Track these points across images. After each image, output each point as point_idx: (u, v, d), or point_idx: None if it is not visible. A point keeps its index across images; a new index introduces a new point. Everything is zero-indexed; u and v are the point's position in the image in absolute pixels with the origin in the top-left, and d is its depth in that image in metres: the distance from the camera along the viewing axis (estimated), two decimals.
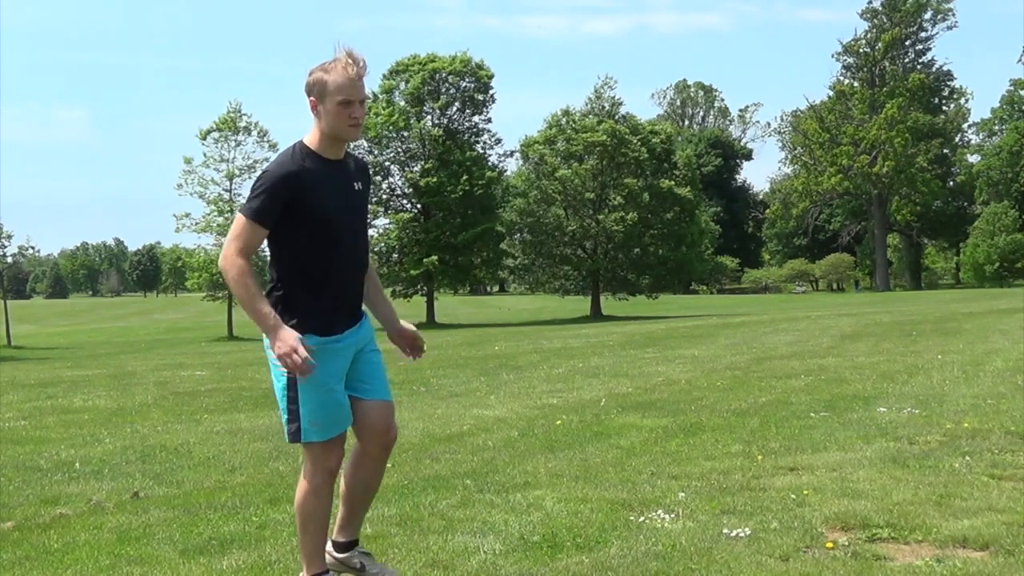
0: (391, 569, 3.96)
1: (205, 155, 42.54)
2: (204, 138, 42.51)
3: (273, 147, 42.47)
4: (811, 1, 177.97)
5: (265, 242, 3.56)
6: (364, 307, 3.82)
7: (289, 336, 3.38)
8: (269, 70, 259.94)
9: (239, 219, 3.49)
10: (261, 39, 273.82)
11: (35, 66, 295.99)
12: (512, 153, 52.03)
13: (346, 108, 3.51)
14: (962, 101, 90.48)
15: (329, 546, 3.80)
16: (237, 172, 42.34)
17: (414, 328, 3.93)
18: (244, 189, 45.14)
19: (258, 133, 42.62)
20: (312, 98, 3.54)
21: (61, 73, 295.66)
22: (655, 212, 49.81)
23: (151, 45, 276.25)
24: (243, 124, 42.39)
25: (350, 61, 3.52)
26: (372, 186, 3.59)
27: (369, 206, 3.86)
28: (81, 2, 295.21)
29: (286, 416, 3.62)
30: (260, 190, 3.47)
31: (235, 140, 42.41)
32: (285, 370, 3.48)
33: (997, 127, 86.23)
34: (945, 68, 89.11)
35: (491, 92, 49.05)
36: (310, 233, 3.51)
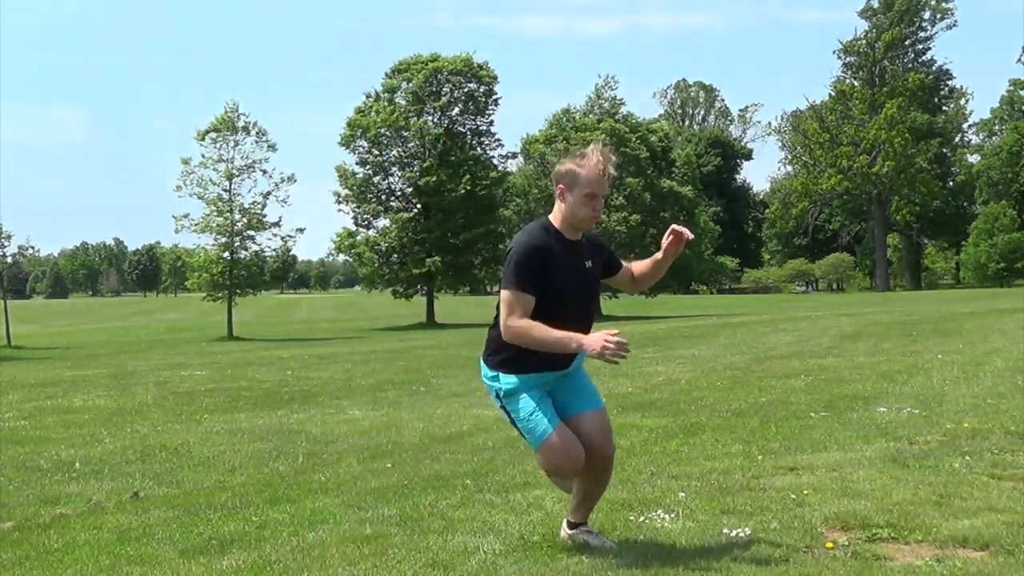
0: (610, 542, 4.30)
1: (203, 156, 42.42)
2: (202, 139, 42.35)
3: (272, 147, 42.34)
4: (806, 1, 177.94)
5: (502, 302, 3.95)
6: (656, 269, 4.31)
7: (596, 335, 3.74)
8: (268, 70, 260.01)
9: (506, 294, 3.90)
10: (259, 39, 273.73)
11: (34, 66, 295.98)
12: (514, 155, 51.94)
13: (591, 201, 3.93)
14: (962, 101, 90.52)
15: (564, 524, 4.38)
16: (236, 172, 42.23)
17: (667, 239, 4.17)
18: (243, 188, 45.13)
19: (257, 133, 42.52)
20: (561, 185, 3.96)
21: (60, 73, 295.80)
22: (655, 212, 49.78)
23: (150, 45, 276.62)
24: (241, 124, 42.27)
25: (601, 159, 3.89)
26: (608, 254, 4.14)
27: (614, 257, 4.32)
28: (81, 2, 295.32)
29: (526, 427, 4.09)
30: (519, 263, 3.89)
31: (233, 140, 42.29)
32: (498, 401, 4.21)
33: (997, 127, 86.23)
34: (945, 68, 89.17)
35: (494, 96, 48.91)
36: (546, 301, 3.90)
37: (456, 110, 48.55)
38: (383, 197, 48.02)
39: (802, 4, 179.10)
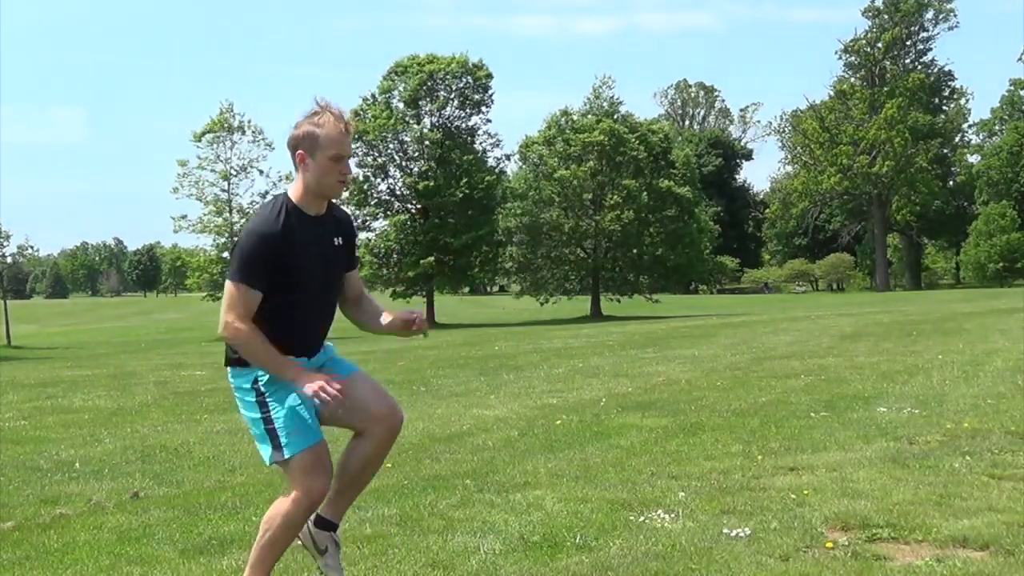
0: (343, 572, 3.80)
1: (200, 157, 42.46)
2: (199, 140, 42.39)
3: (269, 146, 42.33)
4: (801, 1, 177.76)
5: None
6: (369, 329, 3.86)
7: (316, 375, 3.40)
8: (265, 70, 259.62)
9: (230, 287, 3.41)
10: (258, 39, 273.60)
11: (32, 66, 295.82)
12: (509, 156, 51.88)
13: (337, 164, 3.46)
14: (962, 101, 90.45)
15: (311, 520, 3.70)
16: (233, 172, 42.24)
17: (400, 316, 3.79)
18: (241, 188, 45.09)
19: (252, 132, 42.53)
20: (300, 151, 3.45)
21: (58, 73, 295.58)
22: (654, 211, 49.74)
23: (149, 46, 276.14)
24: (236, 123, 42.28)
25: (340, 116, 3.47)
26: (355, 238, 3.63)
27: (356, 251, 3.83)
28: (81, 2, 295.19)
29: (267, 440, 3.56)
30: (246, 254, 3.39)
31: (230, 140, 42.32)
32: (254, 393, 3.55)
33: (997, 127, 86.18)
34: (947, 69, 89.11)
35: (489, 92, 48.93)
36: (286, 289, 3.44)
37: (453, 109, 48.49)
38: (381, 199, 48.08)
39: (797, 4, 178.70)
